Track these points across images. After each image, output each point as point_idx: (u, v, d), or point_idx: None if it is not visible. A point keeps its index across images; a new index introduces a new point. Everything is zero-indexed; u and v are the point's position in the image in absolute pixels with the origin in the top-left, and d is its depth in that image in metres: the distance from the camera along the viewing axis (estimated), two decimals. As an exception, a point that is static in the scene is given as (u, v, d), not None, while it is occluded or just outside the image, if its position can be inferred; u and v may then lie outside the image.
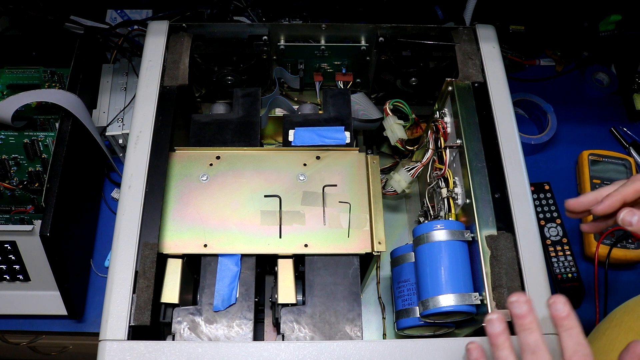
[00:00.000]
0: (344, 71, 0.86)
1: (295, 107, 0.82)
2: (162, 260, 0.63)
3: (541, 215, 0.91)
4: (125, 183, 0.66)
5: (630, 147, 1.01)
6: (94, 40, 0.94)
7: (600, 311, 0.83)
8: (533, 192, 0.92)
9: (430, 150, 0.76)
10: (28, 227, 0.72)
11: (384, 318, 0.80)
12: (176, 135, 0.72)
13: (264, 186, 0.68)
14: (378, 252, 0.65)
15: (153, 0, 1.02)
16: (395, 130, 0.78)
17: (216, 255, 0.64)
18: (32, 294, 0.80)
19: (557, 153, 1.02)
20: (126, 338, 0.57)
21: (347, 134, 0.73)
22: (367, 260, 0.67)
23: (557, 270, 0.86)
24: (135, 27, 0.98)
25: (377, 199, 0.68)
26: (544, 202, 0.93)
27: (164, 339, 0.62)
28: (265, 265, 0.70)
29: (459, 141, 0.70)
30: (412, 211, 0.91)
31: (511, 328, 0.49)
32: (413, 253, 0.67)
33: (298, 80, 0.88)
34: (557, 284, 0.85)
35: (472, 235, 0.64)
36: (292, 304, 0.62)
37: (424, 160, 0.77)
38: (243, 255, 0.64)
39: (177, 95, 0.73)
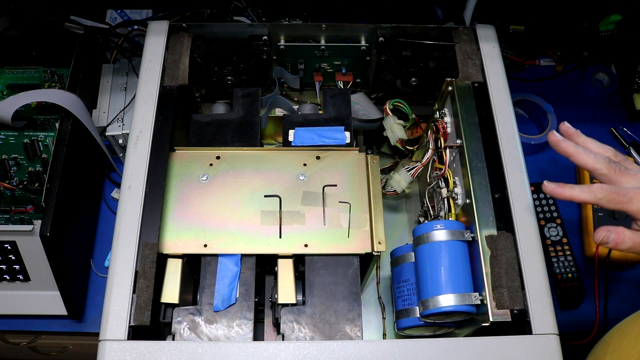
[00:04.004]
0: (344, 71, 0.86)
1: (295, 107, 0.82)
2: (162, 260, 0.63)
3: (541, 215, 0.91)
4: (125, 183, 0.66)
5: (630, 147, 1.01)
6: (94, 40, 0.94)
7: (601, 311, 0.83)
8: (533, 192, 0.92)
9: (430, 150, 0.76)
10: (28, 227, 0.72)
11: (384, 318, 0.80)
12: (176, 135, 0.72)
13: (264, 186, 0.68)
14: (378, 252, 0.65)
15: (153, 0, 1.02)
16: (395, 130, 0.78)
17: (216, 255, 0.64)
18: (32, 294, 0.80)
19: (557, 153, 1.01)
20: (126, 338, 0.57)
21: (347, 134, 0.73)
22: (367, 260, 0.67)
23: (557, 270, 0.86)
24: (135, 27, 0.98)
25: (377, 199, 0.68)
26: (544, 202, 0.93)
27: (164, 339, 0.62)
28: (265, 265, 0.70)
29: (459, 141, 0.70)
30: (412, 211, 0.91)
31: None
32: (413, 253, 0.67)
33: (298, 80, 0.88)
34: (557, 284, 0.85)
35: (472, 235, 0.64)
36: (292, 304, 0.62)
37: (424, 160, 0.77)
38: (243, 255, 0.64)
39: (177, 95, 0.73)
